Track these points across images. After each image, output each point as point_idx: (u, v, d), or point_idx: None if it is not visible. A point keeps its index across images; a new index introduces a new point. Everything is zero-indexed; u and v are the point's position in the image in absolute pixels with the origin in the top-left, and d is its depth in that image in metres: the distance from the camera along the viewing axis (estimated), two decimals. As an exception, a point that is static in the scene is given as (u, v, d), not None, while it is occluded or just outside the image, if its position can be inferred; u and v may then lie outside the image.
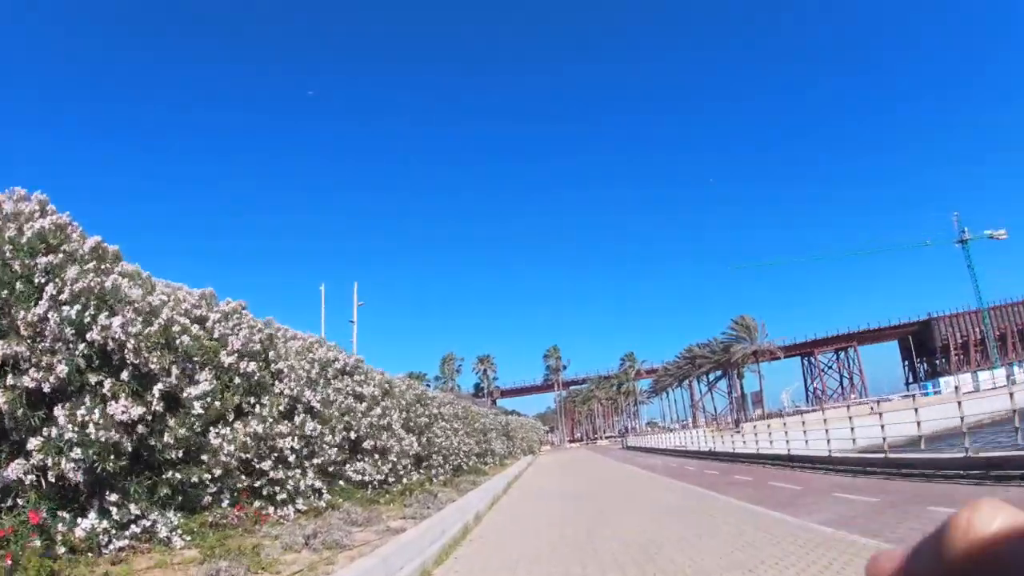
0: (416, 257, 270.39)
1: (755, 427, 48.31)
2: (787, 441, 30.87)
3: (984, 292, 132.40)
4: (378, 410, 20.56)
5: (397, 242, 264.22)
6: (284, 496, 13.10)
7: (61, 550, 7.92)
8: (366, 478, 19.02)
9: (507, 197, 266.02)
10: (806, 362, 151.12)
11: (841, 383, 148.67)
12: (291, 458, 13.51)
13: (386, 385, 23.12)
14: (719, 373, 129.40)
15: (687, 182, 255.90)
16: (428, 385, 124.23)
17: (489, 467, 38.16)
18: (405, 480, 21.52)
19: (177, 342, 10.20)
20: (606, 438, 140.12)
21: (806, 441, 29.02)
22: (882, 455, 21.11)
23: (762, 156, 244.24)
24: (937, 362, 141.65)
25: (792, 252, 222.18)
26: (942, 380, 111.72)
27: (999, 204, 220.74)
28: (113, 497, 9.07)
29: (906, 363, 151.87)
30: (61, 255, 9.55)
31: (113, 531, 8.80)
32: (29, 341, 9.09)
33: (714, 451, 41.53)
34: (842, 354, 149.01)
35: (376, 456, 20.04)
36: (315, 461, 14.88)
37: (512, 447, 53.13)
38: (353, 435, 18.88)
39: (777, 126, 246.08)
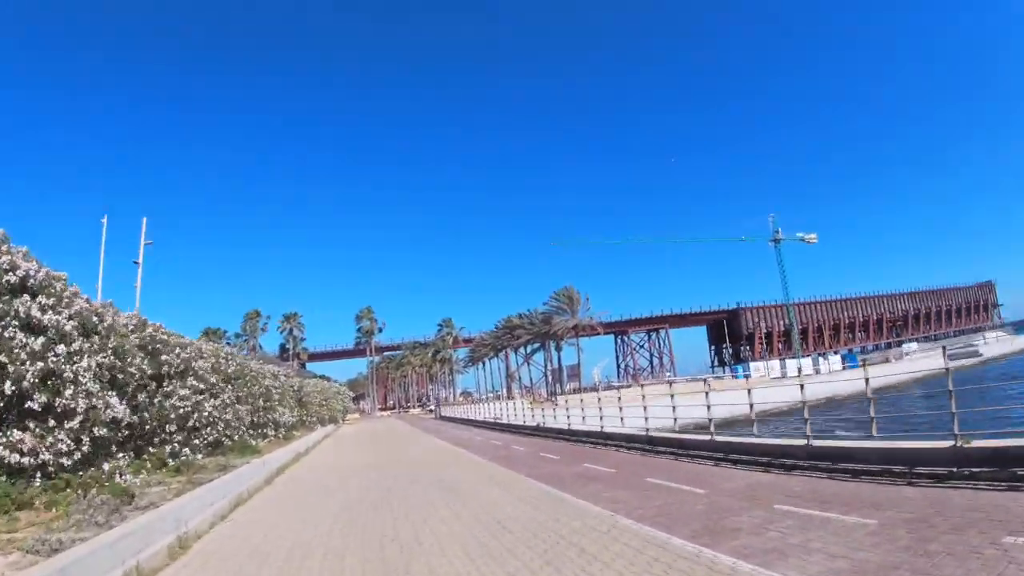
0: (223, 204, 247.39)
1: (576, 400, 43.00)
2: (600, 418, 28.33)
3: (792, 289, 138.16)
4: (62, 350, 12.54)
5: (204, 186, 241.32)
6: None
7: None
8: (26, 459, 11.16)
9: (324, 149, 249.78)
10: (619, 340, 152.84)
11: (651, 362, 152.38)
12: None
13: (94, 319, 14.89)
14: (536, 345, 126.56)
15: (520, 155, 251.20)
16: (229, 343, 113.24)
17: (268, 442, 30.76)
18: (107, 465, 13.45)
19: None
20: (419, 406, 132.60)
21: (621, 419, 27.50)
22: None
23: (602, 139, 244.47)
24: (742, 348, 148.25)
25: (611, 236, 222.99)
26: (752, 364, 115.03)
27: (815, 210, 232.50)
28: None
29: (713, 348, 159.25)
30: None
31: None
32: None
33: (541, 426, 35.41)
34: (654, 335, 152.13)
35: (53, 421, 12.07)
36: None
37: (307, 416, 45.30)
38: (9, 386, 11.18)
39: (624, 110, 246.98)
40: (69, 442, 12.08)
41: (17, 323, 12.07)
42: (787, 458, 15.05)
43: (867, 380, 15.08)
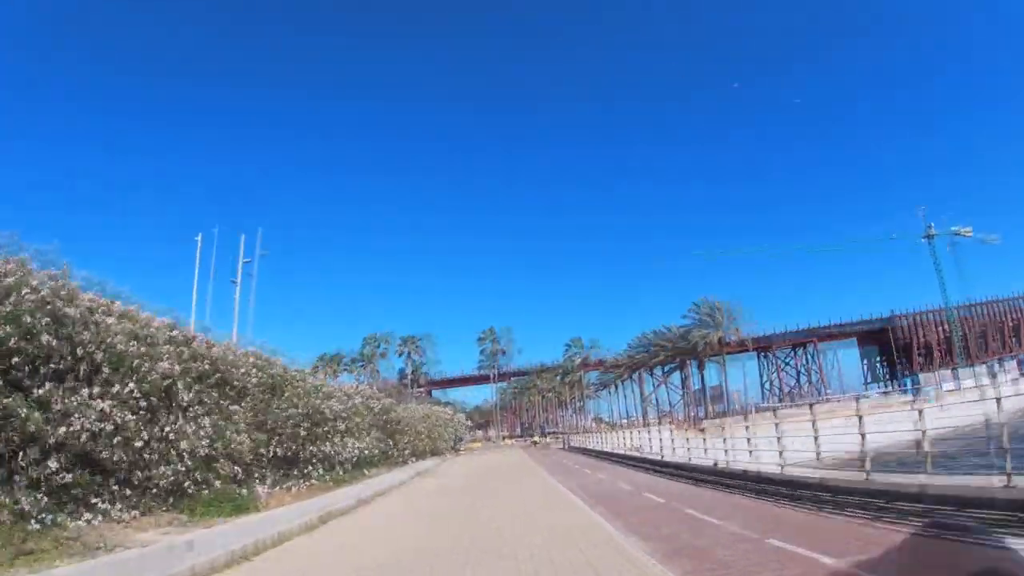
0: (344, 224, 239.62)
1: (731, 427, 30.27)
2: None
3: (950, 291, 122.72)
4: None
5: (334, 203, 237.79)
6: None
7: None
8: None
9: (448, 157, 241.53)
10: (762, 358, 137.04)
11: (798, 380, 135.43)
12: None
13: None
14: (671, 366, 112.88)
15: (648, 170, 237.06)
16: (346, 369, 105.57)
17: (298, 487, 20.22)
18: None
19: None
20: (548, 435, 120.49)
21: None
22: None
23: (727, 146, 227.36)
24: (898, 363, 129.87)
25: (752, 244, 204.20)
26: (922, 376, 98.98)
27: (966, 204, 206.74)
28: None
29: (865, 362, 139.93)
30: None
31: None
32: None
33: (718, 468, 22.62)
34: (800, 351, 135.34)
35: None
36: None
37: (394, 449, 34.38)
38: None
39: (745, 117, 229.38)
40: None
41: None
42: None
43: None
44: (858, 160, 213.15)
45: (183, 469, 15.67)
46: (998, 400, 11.75)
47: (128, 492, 13.46)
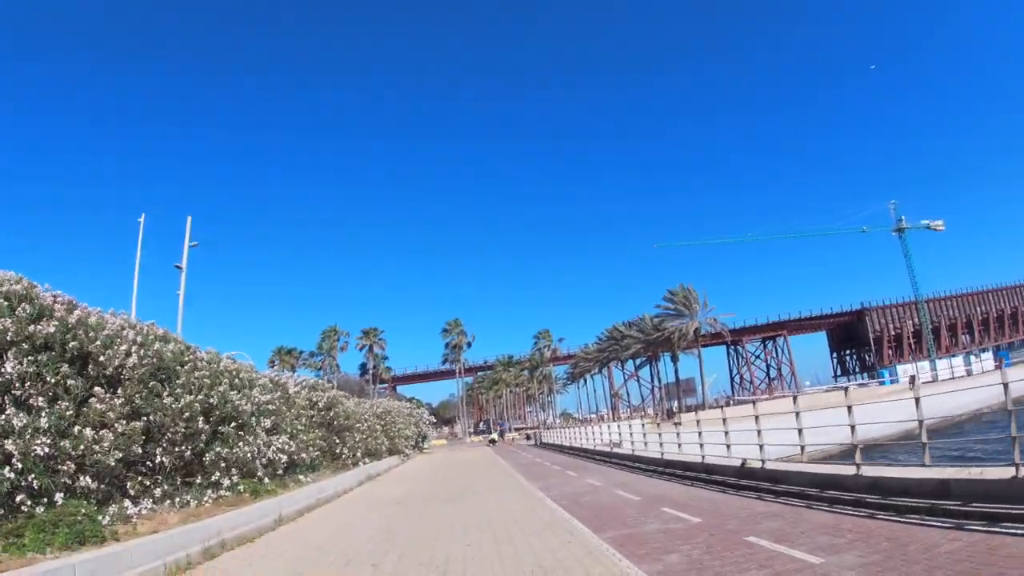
0: (292, 214, 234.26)
1: (708, 420, 25.64)
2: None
3: (920, 284, 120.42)
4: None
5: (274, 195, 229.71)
6: None
7: None
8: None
9: (405, 143, 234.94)
10: (732, 351, 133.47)
11: (768, 373, 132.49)
12: None
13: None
14: (642, 359, 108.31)
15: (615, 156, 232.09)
16: (303, 364, 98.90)
17: (217, 500, 14.84)
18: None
19: None
20: (516, 430, 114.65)
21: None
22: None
23: (693, 132, 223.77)
24: (866, 355, 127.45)
25: (718, 235, 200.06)
26: (899, 368, 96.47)
27: (936, 196, 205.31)
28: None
29: (835, 355, 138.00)
30: None
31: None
32: None
33: (744, 466, 17.43)
34: (770, 343, 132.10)
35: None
36: None
37: (343, 448, 28.57)
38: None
39: (714, 102, 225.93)
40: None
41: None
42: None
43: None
44: (828, 151, 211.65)
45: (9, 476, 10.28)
46: (1005, 385, 10.63)
47: None
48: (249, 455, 17.52)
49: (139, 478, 14.40)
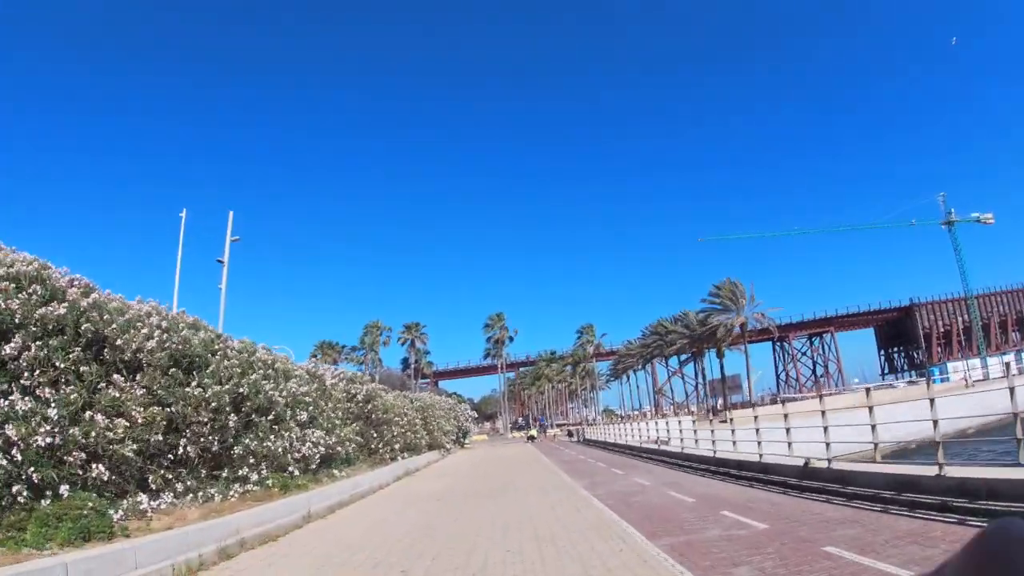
0: (338, 209, 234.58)
1: (755, 417, 24.13)
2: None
3: (969, 279, 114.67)
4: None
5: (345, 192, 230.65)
6: None
7: None
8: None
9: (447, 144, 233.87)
10: (777, 347, 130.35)
11: (814, 371, 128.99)
12: None
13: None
14: (686, 356, 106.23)
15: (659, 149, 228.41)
16: (345, 358, 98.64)
17: (243, 494, 13.96)
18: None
19: None
20: (558, 426, 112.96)
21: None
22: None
23: (739, 127, 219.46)
24: (915, 352, 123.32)
25: (763, 229, 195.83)
26: (950, 365, 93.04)
27: (986, 189, 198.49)
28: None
29: (882, 352, 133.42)
30: None
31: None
32: None
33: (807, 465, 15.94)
34: (816, 340, 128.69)
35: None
36: None
37: (382, 441, 27.58)
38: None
39: (760, 98, 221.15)
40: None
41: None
42: None
43: None
44: (877, 144, 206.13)
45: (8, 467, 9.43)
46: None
47: None
48: (280, 449, 16.56)
49: (161, 471, 13.51)
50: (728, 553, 8.90)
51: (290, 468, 17.24)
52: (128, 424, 12.12)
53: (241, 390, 16.24)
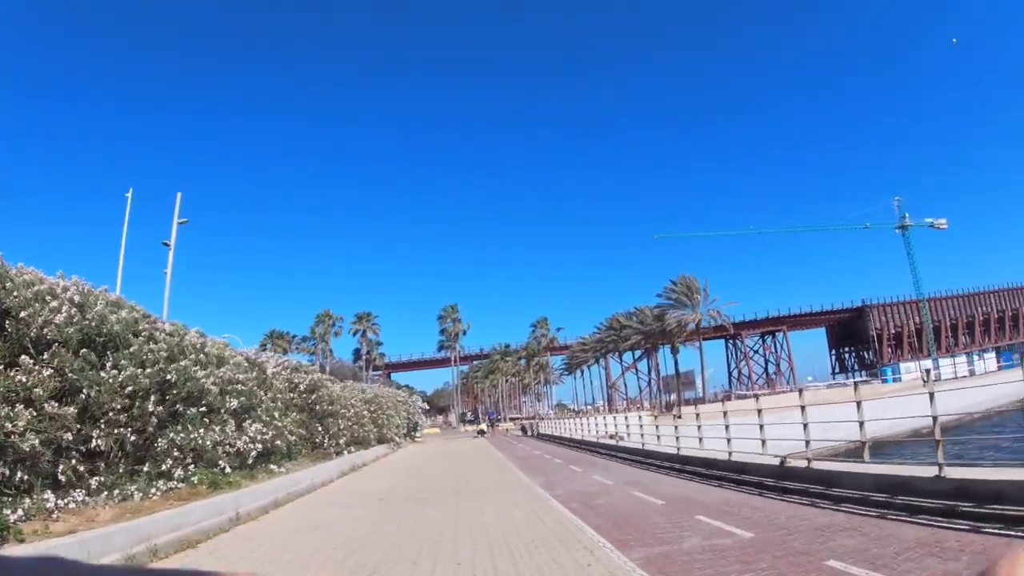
0: (285, 198, 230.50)
1: (710, 414, 23.49)
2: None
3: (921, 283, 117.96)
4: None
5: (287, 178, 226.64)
6: None
7: None
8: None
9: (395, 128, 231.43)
10: (730, 345, 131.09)
11: (766, 369, 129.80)
12: None
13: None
14: (640, 352, 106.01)
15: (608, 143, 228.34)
16: (296, 348, 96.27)
17: (167, 492, 12.55)
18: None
19: None
20: (511, 420, 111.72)
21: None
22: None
23: (698, 126, 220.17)
24: (866, 353, 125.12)
25: (719, 227, 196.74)
26: (903, 366, 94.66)
27: (939, 194, 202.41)
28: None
29: (833, 352, 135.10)
30: None
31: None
32: None
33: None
34: (768, 338, 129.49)
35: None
36: None
37: (327, 434, 25.95)
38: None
39: (717, 96, 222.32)
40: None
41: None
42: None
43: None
44: (832, 146, 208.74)
45: None
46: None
47: None
48: (209, 442, 15.01)
49: (71, 464, 11.94)
50: (716, 569, 7.73)
51: (221, 463, 15.72)
52: (35, 414, 10.60)
53: (168, 376, 14.69)
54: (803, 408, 14.26)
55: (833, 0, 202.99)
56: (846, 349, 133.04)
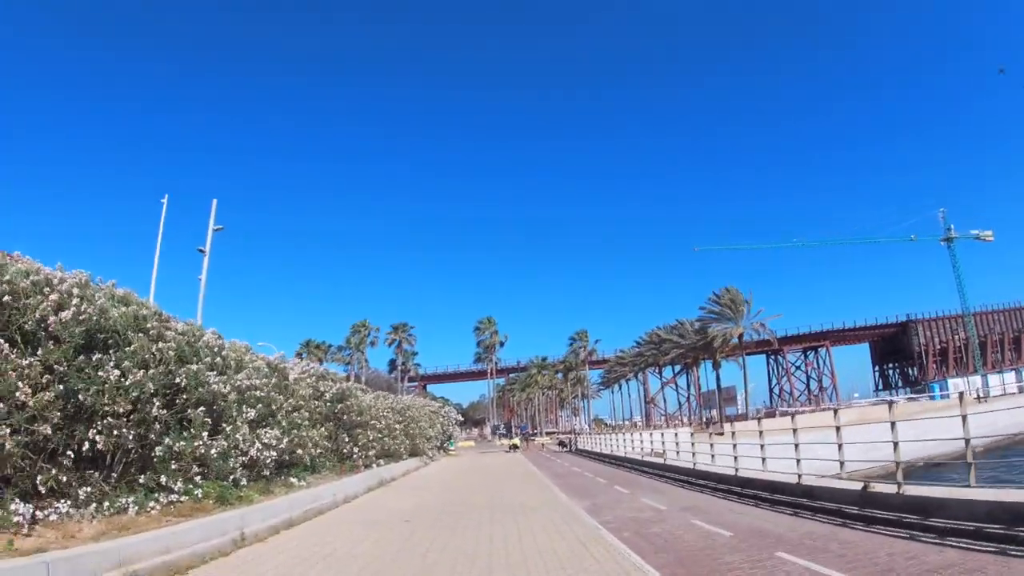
0: (327, 208, 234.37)
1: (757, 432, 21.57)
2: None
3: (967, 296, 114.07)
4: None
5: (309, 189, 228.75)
6: None
7: None
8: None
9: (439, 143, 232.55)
10: (771, 360, 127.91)
11: (808, 386, 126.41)
12: None
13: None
14: (679, 367, 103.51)
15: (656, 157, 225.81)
16: (331, 359, 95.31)
17: (166, 506, 11.25)
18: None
19: None
20: (547, 434, 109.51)
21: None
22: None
23: (739, 136, 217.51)
24: (910, 369, 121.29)
25: (760, 240, 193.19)
26: (951, 382, 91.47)
27: (985, 206, 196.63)
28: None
29: (876, 368, 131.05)
30: None
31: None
32: None
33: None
34: (811, 354, 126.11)
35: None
36: None
37: (355, 446, 24.44)
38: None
39: (763, 109, 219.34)
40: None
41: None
42: None
43: None
44: (876, 156, 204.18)
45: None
46: None
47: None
48: (215, 452, 13.45)
49: (53, 471, 10.48)
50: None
51: (233, 475, 14.17)
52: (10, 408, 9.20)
53: (178, 380, 13.21)
54: (893, 425, 12.21)
55: (878, 6, 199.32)
56: (890, 365, 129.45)
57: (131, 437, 11.91)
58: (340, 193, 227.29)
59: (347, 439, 24.27)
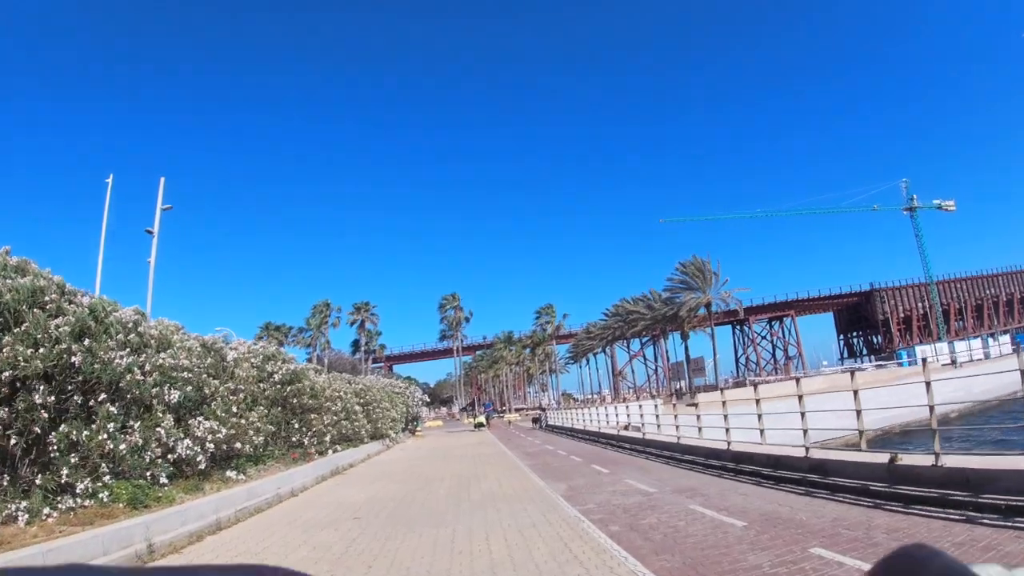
0: (283, 186, 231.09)
1: (735, 402, 21.29)
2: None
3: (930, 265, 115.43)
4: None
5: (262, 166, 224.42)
6: None
7: None
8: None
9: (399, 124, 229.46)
10: (737, 330, 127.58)
11: (774, 355, 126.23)
12: None
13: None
14: (646, 339, 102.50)
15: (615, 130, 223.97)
16: (292, 341, 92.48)
17: (65, 512, 9.05)
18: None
19: None
20: (516, 411, 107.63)
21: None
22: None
23: (706, 110, 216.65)
24: (874, 337, 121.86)
25: (725, 212, 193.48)
26: (918, 349, 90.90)
27: (948, 177, 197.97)
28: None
29: (842, 337, 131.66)
30: None
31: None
32: None
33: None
34: (776, 324, 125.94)
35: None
36: None
37: (307, 432, 22.17)
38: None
39: (729, 86, 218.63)
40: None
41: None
42: None
43: None
44: (839, 129, 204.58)
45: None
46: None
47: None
48: (124, 447, 11.26)
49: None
50: None
51: (152, 472, 11.97)
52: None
53: (73, 359, 10.98)
54: (928, 384, 10.34)
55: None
56: (854, 334, 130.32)
57: (12, 432, 9.72)
58: (297, 173, 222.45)
59: (297, 425, 22.07)
